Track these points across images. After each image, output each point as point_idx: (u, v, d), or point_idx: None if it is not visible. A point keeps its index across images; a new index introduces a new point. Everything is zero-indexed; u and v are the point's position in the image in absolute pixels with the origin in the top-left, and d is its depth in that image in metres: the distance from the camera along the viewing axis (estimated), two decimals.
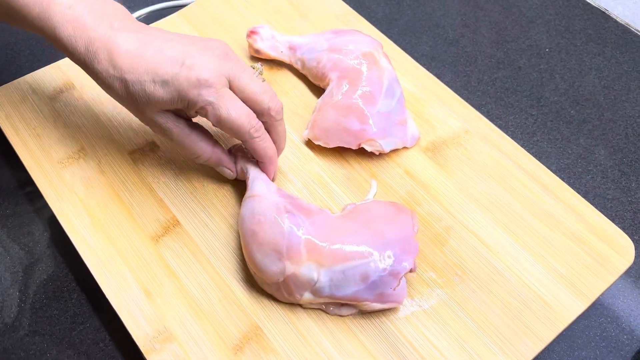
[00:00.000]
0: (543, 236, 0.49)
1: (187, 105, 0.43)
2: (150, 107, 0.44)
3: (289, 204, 0.45)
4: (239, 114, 0.44)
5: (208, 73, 0.42)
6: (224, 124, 0.44)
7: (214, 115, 0.43)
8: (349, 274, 0.42)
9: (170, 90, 0.43)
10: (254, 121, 0.45)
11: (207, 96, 0.43)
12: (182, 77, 0.42)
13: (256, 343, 0.43)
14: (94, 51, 0.43)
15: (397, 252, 0.43)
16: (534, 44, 0.70)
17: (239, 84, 0.44)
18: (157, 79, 0.42)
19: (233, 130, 0.44)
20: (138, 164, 0.53)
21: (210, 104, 0.43)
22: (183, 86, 0.42)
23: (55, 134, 0.55)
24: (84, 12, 0.43)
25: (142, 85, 0.43)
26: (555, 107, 0.64)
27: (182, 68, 0.42)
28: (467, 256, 0.48)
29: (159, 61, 0.42)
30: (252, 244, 0.43)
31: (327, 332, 0.44)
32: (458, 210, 0.51)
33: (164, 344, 0.43)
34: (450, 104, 0.58)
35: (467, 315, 0.45)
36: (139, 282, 0.46)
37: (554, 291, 0.46)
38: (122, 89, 0.44)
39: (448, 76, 0.66)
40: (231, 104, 0.43)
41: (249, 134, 0.45)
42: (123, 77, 0.43)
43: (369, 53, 0.56)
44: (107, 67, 0.43)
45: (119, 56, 0.42)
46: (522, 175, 0.53)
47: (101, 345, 0.46)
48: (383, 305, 0.43)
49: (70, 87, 0.58)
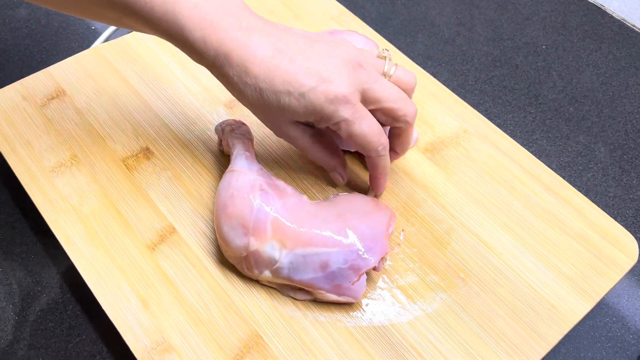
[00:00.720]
0: (545, 236, 0.49)
1: (320, 119, 0.42)
2: (281, 117, 0.43)
3: (265, 183, 0.45)
4: (371, 132, 0.43)
5: (346, 89, 0.41)
6: (355, 139, 0.43)
7: (347, 131, 0.42)
8: (309, 260, 0.42)
9: (306, 104, 0.41)
10: (383, 138, 0.44)
11: (343, 112, 0.41)
12: (319, 92, 0.41)
13: (257, 352, 0.43)
14: (225, 55, 0.41)
15: (362, 248, 0.43)
16: (530, 42, 0.69)
17: (374, 95, 0.43)
18: (293, 91, 0.41)
19: (362, 145, 0.44)
20: (132, 171, 0.52)
21: (345, 121, 0.42)
22: (320, 101, 0.41)
23: (46, 141, 0.53)
24: (210, 10, 0.41)
25: (277, 96, 0.41)
26: (554, 104, 0.63)
27: (318, 82, 0.41)
28: (469, 258, 0.47)
29: (296, 73, 0.41)
30: (222, 216, 0.44)
31: (331, 340, 0.43)
32: (459, 211, 0.50)
33: (162, 355, 0.42)
34: (448, 104, 0.58)
35: (471, 318, 0.44)
36: (135, 293, 0.45)
37: (558, 292, 0.46)
38: (255, 96, 0.42)
39: (445, 75, 0.65)
40: (365, 121, 0.42)
41: (376, 152, 0.44)
42: (257, 86, 0.41)
43: None
44: (240, 72, 0.41)
45: (253, 64, 0.41)
46: (523, 175, 0.52)
47: (98, 358, 0.45)
48: (338, 297, 0.43)
49: (60, 93, 0.57)
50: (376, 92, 0.43)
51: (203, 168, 0.52)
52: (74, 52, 0.63)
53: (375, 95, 0.43)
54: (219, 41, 0.41)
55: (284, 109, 0.42)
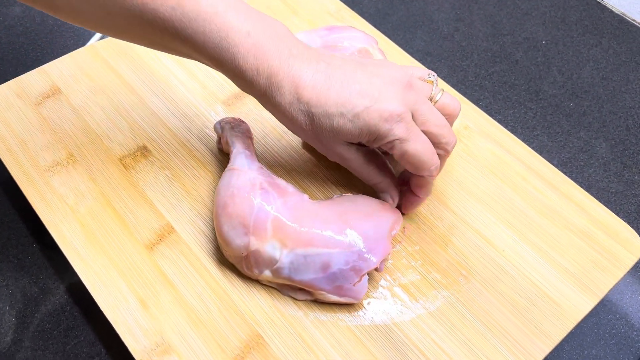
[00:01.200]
0: (548, 232, 0.48)
1: (374, 138, 0.42)
2: (335, 140, 0.43)
3: (265, 182, 0.45)
4: (425, 151, 0.42)
5: (399, 107, 0.41)
6: (408, 159, 0.42)
7: (401, 150, 0.42)
8: (310, 260, 0.42)
9: (360, 125, 0.41)
10: (436, 158, 0.43)
11: (397, 131, 0.41)
12: (373, 111, 0.41)
13: (258, 352, 0.42)
14: (278, 83, 0.41)
15: (364, 249, 0.42)
16: (530, 37, 0.69)
17: (422, 117, 0.43)
18: (346, 112, 0.41)
19: (415, 165, 0.43)
20: (130, 170, 0.51)
21: (400, 139, 0.41)
22: (375, 120, 0.41)
23: (41, 140, 0.53)
24: (261, 39, 0.40)
25: (330, 119, 0.41)
26: (554, 100, 0.63)
27: (372, 102, 0.41)
28: (471, 255, 0.47)
29: (348, 95, 0.41)
30: (222, 215, 0.44)
31: (332, 340, 0.43)
32: (460, 208, 0.50)
33: (162, 356, 0.41)
34: None
35: (473, 316, 0.44)
36: (134, 293, 0.44)
37: (561, 289, 0.45)
38: (308, 122, 0.42)
39: (444, 71, 0.65)
40: (419, 140, 0.42)
41: (429, 171, 0.43)
42: (310, 111, 0.41)
43: (364, 49, 0.54)
44: (292, 100, 0.41)
45: (305, 89, 0.41)
46: (524, 171, 0.52)
47: (96, 359, 0.44)
48: (340, 298, 0.43)
49: (56, 91, 0.56)
50: (425, 114, 0.43)
51: (202, 167, 0.52)
52: (69, 49, 0.63)
53: (424, 117, 0.43)
54: (271, 69, 0.40)
55: (337, 132, 0.42)
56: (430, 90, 0.45)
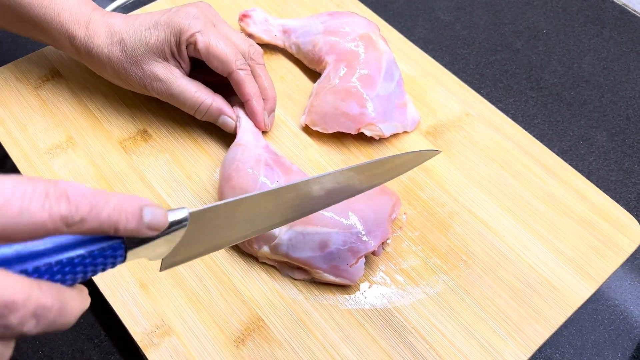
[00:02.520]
0: (548, 219, 0.48)
1: (179, 35, 0.46)
2: (147, 57, 0.47)
3: (270, 159, 0.45)
4: (227, 44, 0.47)
5: (196, 10, 0.48)
6: (212, 52, 0.47)
7: (204, 43, 0.46)
8: (309, 239, 0.42)
9: (164, 28, 0.47)
10: (240, 55, 0.48)
11: (197, 25, 0.47)
12: (172, 13, 0.47)
13: (258, 335, 0.42)
14: (94, 29, 0.48)
15: (363, 231, 0.43)
16: (531, 26, 0.68)
17: (221, 30, 0.49)
18: (150, 24, 0.47)
19: (221, 60, 0.47)
20: (129, 153, 0.51)
21: (200, 32, 0.46)
22: (174, 20, 0.47)
23: (41, 123, 0.52)
24: (80, 2, 0.49)
25: (137, 36, 0.47)
26: (555, 89, 0.63)
27: (171, 11, 0.48)
28: (471, 241, 0.47)
29: (151, 16, 0.48)
30: (225, 187, 0.44)
31: (332, 322, 0.43)
32: (461, 194, 0.50)
33: (162, 338, 0.41)
34: (450, 87, 0.57)
35: (474, 301, 0.44)
36: (134, 276, 0.44)
37: (561, 274, 0.45)
38: (121, 49, 0.47)
39: (445, 59, 0.65)
40: (220, 37, 0.47)
41: (235, 64, 0.47)
42: (121, 37, 0.47)
43: (365, 35, 0.54)
44: (107, 37, 0.47)
45: (115, 25, 0.48)
46: (525, 158, 0.52)
47: (96, 342, 0.44)
48: (335, 278, 0.43)
49: (55, 74, 0.56)
50: (223, 27, 0.49)
51: (202, 151, 0.51)
52: None
53: (222, 30, 0.49)
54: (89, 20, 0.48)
55: (146, 45, 0.47)
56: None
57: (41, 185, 0.24)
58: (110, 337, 0.45)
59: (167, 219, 0.28)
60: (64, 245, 0.26)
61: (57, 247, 0.26)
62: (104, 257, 0.27)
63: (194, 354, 0.41)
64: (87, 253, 0.26)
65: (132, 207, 0.26)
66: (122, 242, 0.27)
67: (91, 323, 0.45)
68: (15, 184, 0.23)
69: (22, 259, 0.24)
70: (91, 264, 0.26)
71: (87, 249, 0.26)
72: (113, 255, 0.27)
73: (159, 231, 0.28)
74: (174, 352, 0.41)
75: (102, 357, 0.43)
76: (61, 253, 0.25)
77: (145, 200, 0.27)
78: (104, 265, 0.27)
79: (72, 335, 0.44)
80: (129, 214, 0.26)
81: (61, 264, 0.25)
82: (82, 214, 0.24)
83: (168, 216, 0.29)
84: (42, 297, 0.23)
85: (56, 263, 0.25)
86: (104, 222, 0.25)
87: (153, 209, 0.27)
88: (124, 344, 0.44)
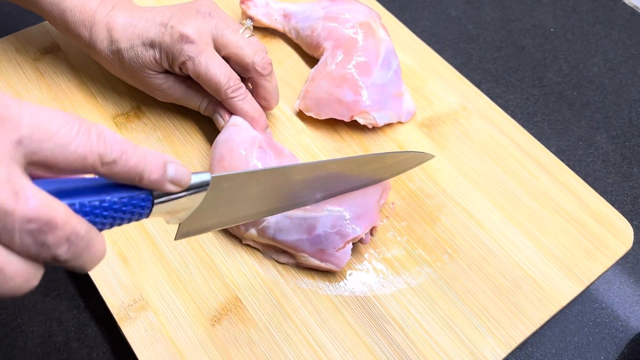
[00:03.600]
0: (539, 217, 0.48)
1: (171, 60, 0.46)
2: (144, 71, 0.47)
3: (264, 141, 0.45)
4: (216, 72, 0.45)
5: (190, 29, 0.45)
6: (202, 79, 0.46)
7: (193, 70, 0.45)
8: (296, 222, 0.42)
9: (158, 49, 0.46)
10: (232, 82, 0.46)
11: (187, 51, 0.45)
12: (166, 36, 0.45)
13: (235, 315, 0.42)
14: (97, 32, 0.47)
15: (351, 215, 0.42)
16: (538, 24, 0.67)
17: (223, 40, 0.46)
18: (145, 41, 0.46)
19: (211, 87, 0.46)
20: (121, 129, 0.51)
21: (190, 59, 0.45)
22: (167, 43, 0.45)
23: (37, 95, 0.53)
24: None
25: (134, 50, 0.46)
26: (558, 88, 0.62)
27: (166, 28, 0.45)
28: (458, 234, 0.46)
29: (149, 27, 0.46)
30: (217, 167, 0.44)
31: (311, 307, 0.42)
32: (451, 187, 0.49)
33: (138, 313, 0.41)
34: (449, 80, 0.56)
35: (455, 294, 0.43)
36: (115, 248, 0.44)
37: (547, 273, 0.45)
38: (118, 59, 0.47)
39: (448, 53, 0.64)
40: (211, 62, 0.45)
41: (225, 94, 0.46)
42: (118, 48, 0.46)
43: (365, 23, 0.54)
44: (108, 44, 0.47)
45: (115, 31, 0.46)
46: (520, 155, 0.51)
47: (75, 313, 0.44)
48: (320, 263, 0.43)
49: (55, 48, 0.56)
50: (225, 36, 0.46)
51: (194, 131, 0.51)
52: None
53: (224, 39, 0.46)
54: (93, 22, 0.47)
55: (142, 61, 0.46)
56: (237, 27, 0.48)
57: (86, 123, 0.26)
58: (89, 308, 0.45)
59: (189, 177, 0.30)
60: (98, 188, 0.28)
61: (91, 188, 0.28)
62: (132, 206, 0.29)
63: (168, 329, 0.41)
64: (118, 199, 0.28)
65: (157, 160, 0.28)
66: (150, 194, 0.29)
67: (71, 294, 0.45)
68: (66, 117, 0.25)
69: (59, 194, 0.26)
70: (120, 210, 0.28)
71: (118, 195, 0.28)
72: (141, 205, 0.29)
73: (182, 188, 0.30)
74: (149, 327, 0.41)
75: (79, 328, 0.44)
76: (94, 195, 0.27)
77: (170, 157, 0.29)
78: (130, 215, 0.29)
79: (52, 306, 0.45)
80: (153, 165, 0.28)
81: (93, 206, 0.27)
82: (115, 156, 0.26)
83: (191, 176, 0.31)
84: (77, 225, 0.25)
85: (89, 203, 0.27)
86: (131, 169, 0.27)
87: (176, 165, 0.29)
88: (102, 315, 0.44)
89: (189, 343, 0.40)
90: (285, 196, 0.39)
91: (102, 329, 0.44)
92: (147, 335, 0.40)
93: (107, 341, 0.43)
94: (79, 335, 0.43)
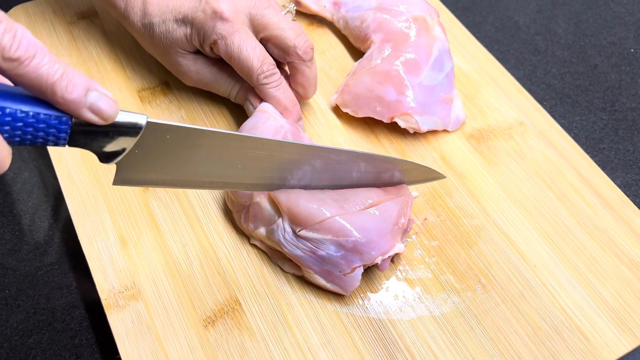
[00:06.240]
0: (592, 255, 0.41)
1: (202, 38, 0.42)
2: (173, 48, 0.44)
3: (290, 132, 0.41)
4: (250, 54, 0.41)
5: (225, 6, 0.42)
6: (234, 62, 0.42)
7: (225, 50, 0.42)
8: (301, 240, 0.38)
9: (189, 26, 0.43)
10: (267, 66, 0.42)
11: (220, 29, 0.41)
12: (199, 10, 0.42)
13: (231, 319, 0.38)
14: (132, 4, 0.45)
15: (360, 241, 0.36)
16: (617, 42, 0.60)
17: (262, 20, 0.43)
18: (178, 16, 0.43)
19: (243, 71, 0.42)
20: (145, 103, 0.48)
21: (223, 38, 0.41)
22: (199, 19, 0.42)
23: (66, 59, 0.50)
24: None
25: (165, 25, 0.43)
26: (632, 115, 0.55)
27: (200, 3, 0.42)
28: (496, 263, 0.41)
29: (183, 1, 0.43)
30: None
31: (316, 322, 0.38)
32: (495, 209, 0.43)
33: (128, 301, 0.38)
34: (507, 91, 0.50)
35: (484, 332, 0.38)
36: (116, 228, 0.41)
37: (595, 322, 0.38)
38: (149, 34, 0.44)
39: (510, 62, 0.58)
40: (245, 42, 0.41)
41: (257, 79, 0.42)
42: (151, 22, 0.44)
43: (421, 17, 0.49)
44: (141, 16, 0.44)
45: (150, 4, 0.44)
46: (578, 182, 0.45)
47: (64, 291, 0.41)
48: (326, 283, 0.38)
49: (92, 14, 0.54)
50: (265, 16, 0.43)
51: (219, 113, 0.48)
52: None
53: (264, 19, 0.42)
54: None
55: (172, 37, 0.43)
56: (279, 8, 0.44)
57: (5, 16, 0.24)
58: (80, 289, 0.41)
59: (115, 110, 0.27)
60: (15, 96, 0.26)
61: (9, 95, 0.26)
62: (46, 125, 0.26)
63: (157, 325, 0.37)
64: (33, 113, 0.26)
65: (80, 81, 0.26)
66: (69, 119, 0.27)
67: (65, 271, 0.42)
68: None
69: None
70: (31, 125, 0.26)
71: (35, 109, 0.26)
72: (56, 127, 0.27)
73: (105, 121, 0.27)
74: (136, 319, 0.37)
75: (66, 309, 0.40)
76: (8, 101, 0.25)
77: (99, 86, 0.27)
78: (45, 134, 0.27)
79: (43, 280, 0.42)
80: (71, 84, 0.26)
81: (3, 113, 0.25)
82: (21, 54, 0.24)
83: (119, 112, 0.28)
84: None
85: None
86: (41, 77, 0.25)
87: (101, 94, 0.27)
88: (91, 298, 0.41)
89: (176, 343, 0.36)
90: (247, 171, 0.35)
91: (89, 314, 0.40)
92: (133, 327, 0.37)
93: (93, 328, 0.40)
94: (65, 317, 0.40)
